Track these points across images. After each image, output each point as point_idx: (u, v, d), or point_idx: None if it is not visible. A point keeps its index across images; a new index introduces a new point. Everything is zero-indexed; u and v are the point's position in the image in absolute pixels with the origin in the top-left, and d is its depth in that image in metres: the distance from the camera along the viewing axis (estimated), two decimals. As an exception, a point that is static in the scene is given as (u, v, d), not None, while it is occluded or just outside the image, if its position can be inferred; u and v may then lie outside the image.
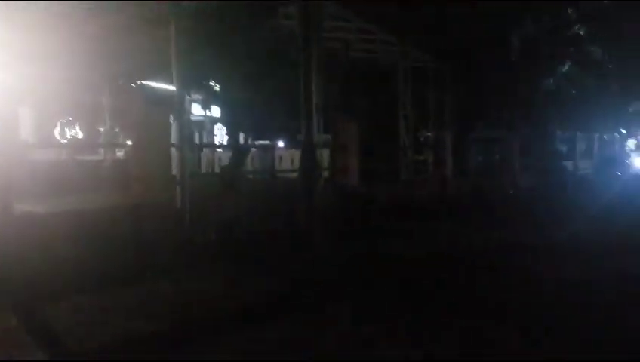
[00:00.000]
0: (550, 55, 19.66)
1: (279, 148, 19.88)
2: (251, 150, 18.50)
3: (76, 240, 7.50)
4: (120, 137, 19.01)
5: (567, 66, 20.87)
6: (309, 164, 7.22)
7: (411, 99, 16.76)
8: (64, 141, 24.62)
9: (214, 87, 18.72)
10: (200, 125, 23.11)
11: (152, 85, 15.09)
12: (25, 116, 16.38)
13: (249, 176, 17.24)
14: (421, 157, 18.33)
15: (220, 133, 25.00)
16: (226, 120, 21.17)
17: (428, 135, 19.53)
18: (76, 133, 26.82)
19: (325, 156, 13.11)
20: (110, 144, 16.64)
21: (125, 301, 5.84)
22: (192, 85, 15.21)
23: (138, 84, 15.29)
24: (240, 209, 9.96)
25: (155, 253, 7.52)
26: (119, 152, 16.75)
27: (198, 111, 22.36)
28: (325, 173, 12.94)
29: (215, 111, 22.87)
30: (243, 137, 21.14)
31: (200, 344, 4.68)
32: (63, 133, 26.09)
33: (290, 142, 21.47)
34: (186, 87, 11.18)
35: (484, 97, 20.01)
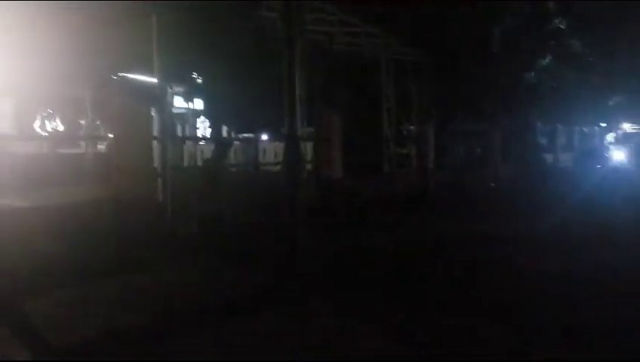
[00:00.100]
0: (531, 48, 19.80)
1: (263, 141, 19.81)
2: (234, 143, 18.44)
3: (57, 234, 7.45)
4: (101, 130, 18.85)
5: (547, 60, 21.04)
6: (292, 156, 7.20)
7: (394, 92, 16.80)
8: (45, 134, 24.33)
9: (197, 80, 18.61)
10: (182, 118, 22.97)
11: (134, 78, 14.96)
12: (4, 108, 16.19)
13: (232, 169, 17.20)
14: (404, 151, 18.40)
15: (203, 126, 24.87)
16: (209, 113, 21.05)
17: (411, 128, 19.60)
18: (57, 125, 26.50)
19: (309, 149, 13.14)
20: (91, 137, 16.49)
21: (107, 294, 5.83)
22: (174, 78, 15.11)
23: (119, 76, 15.15)
24: (223, 202, 9.95)
25: (137, 246, 7.49)
26: (101, 145, 16.60)
27: (180, 104, 22.22)
28: (309, 166, 12.97)
29: (198, 104, 22.73)
30: (226, 130, 21.06)
31: (182, 336, 4.67)
32: (43, 126, 25.76)
33: (274, 135, 21.41)
34: (168, 80, 11.12)
35: (466, 90, 20.13)
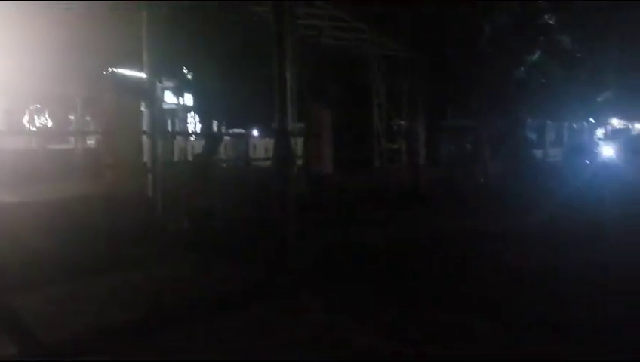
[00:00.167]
0: (521, 44, 19.87)
1: (253, 137, 19.80)
2: (224, 138, 18.42)
3: (47, 229, 7.42)
4: (91, 125, 18.77)
5: (537, 55, 21.12)
6: (282, 152, 7.20)
7: (385, 88, 16.83)
8: (34, 129, 24.18)
9: (187, 75, 18.57)
10: (172, 113, 22.91)
11: (124, 73, 14.88)
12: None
13: (222, 165, 17.17)
14: (394, 146, 18.46)
15: (193, 122, 24.82)
16: (199, 108, 21.02)
17: (401, 123, 19.66)
18: (46, 120, 26.35)
19: (299, 144, 13.13)
20: (81, 132, 16.41)
21: (97, 290, 5.81)
22: (164, 73, 15.04)
23: (109, 71, 15.07)
24: (213, 197, 9.93)
25: (127, 241, 7.48)
26: (90, 141, 16.53)
27: (170, 99, 22.16)
28: (299, 162, 12.96)
29: (188, 100, 22.69)
30: (216, 125, 21.03)
31: (173, 331, 4.69)
32: (32, 121, 25.61)
33: (265, 131, 21.41)
34: (158, 75, 11.07)
35: (456, 86, 20.19)
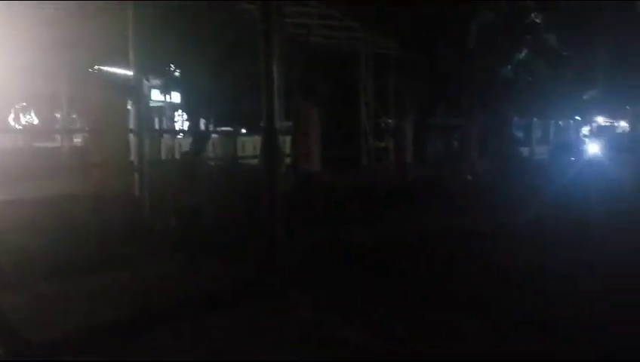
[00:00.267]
0: (509, 43, 19.97)
1: (241, 135, 19.74)
2: (212, 136, 18.36)
3: (32, 228, 7.36)
4: (77, 123, 18.64)
5: (524, 54, 21.24)
6: (270, 150, 7.19)
7: (373, 85, 16.83)
8: (19, 127, 23.98)
9: (174, 73, 18.47)
10: (160, 111, 22.80)
11: (111, 70, 14.81)
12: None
13: (210, 163, 17.13)
14: (382, 144, 18.47)
15: (181, 120, 24.71)
16: (187, 106, 20.92)
17: (389, 122, 19.69)
18: (32, 119, 26.14)
19: (287, 142, 13.12)
20: (67, 130, 16.29)
21: (84, 290, 5.77)
22: (151, 70, 14.97)
23: (96, 69, 14.99)
24: (201, 196, 9.90)
25: (114, 240, 7.43)
26: (77, 139, 16.43)
27: (157, 97, 22.04)
28: (287, 160, 12.95)
29: (176, 97, 22.58)
30: (204, 123, 20.93)
31: (161, 330, 4.68)
32: (17, 119, 25.40)
33: (253, 129, 21.36)
34: (145, 72, 11.02)
35: (443, 84, 20.26)
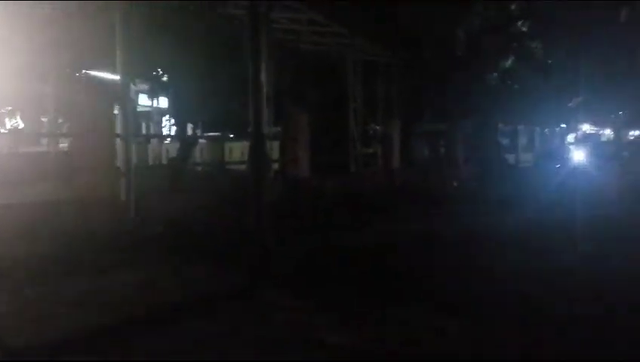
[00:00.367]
0: (494, 50, 20.11)
1: (230, 140, 19.70)
2: (199, 141, 18.30)
3: (16, 233, 7.30)
4: (64, 128, 18.50)
5: (510, 61, 21.39)
6: (258, 155, 7.17)
7: (361, 92, 16.89)
8: (4, 131, 23.80)
9: (162, 78, 18.38)
10: (147, 116, 22.72)
11: (97, 75, 14.72)
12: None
13: (198, 168, 17.08)
14: (370, 150, 18.54)
15: (168, 125, 24.64)
16: (174, 111, 20.85)
17: (377, 128, 19.75)
18: (17, 123, 25.94)
19: (275, 148, 13.11)
20: (54, 134, 16.16)
21: (67, 295, 5.71)
22: (138, 75, 14.89)
23: (82, 73, 14.89)
24: (188, 201, 9.87)
25: (99, 246, 7.37)
26: (63, 143, 16.28)
27: (145, 102, 21.97)
28: (275, 165, 12.94)
29: (163, 102, 22.52)
30: (191, 128, 20.86)
31: (147, 336, 4.65)
32: (2, 123, 25.21)
33: (241, 134, 21.33)
34: (132, 76, 10.96)
35: (430, 91, 20.36)
